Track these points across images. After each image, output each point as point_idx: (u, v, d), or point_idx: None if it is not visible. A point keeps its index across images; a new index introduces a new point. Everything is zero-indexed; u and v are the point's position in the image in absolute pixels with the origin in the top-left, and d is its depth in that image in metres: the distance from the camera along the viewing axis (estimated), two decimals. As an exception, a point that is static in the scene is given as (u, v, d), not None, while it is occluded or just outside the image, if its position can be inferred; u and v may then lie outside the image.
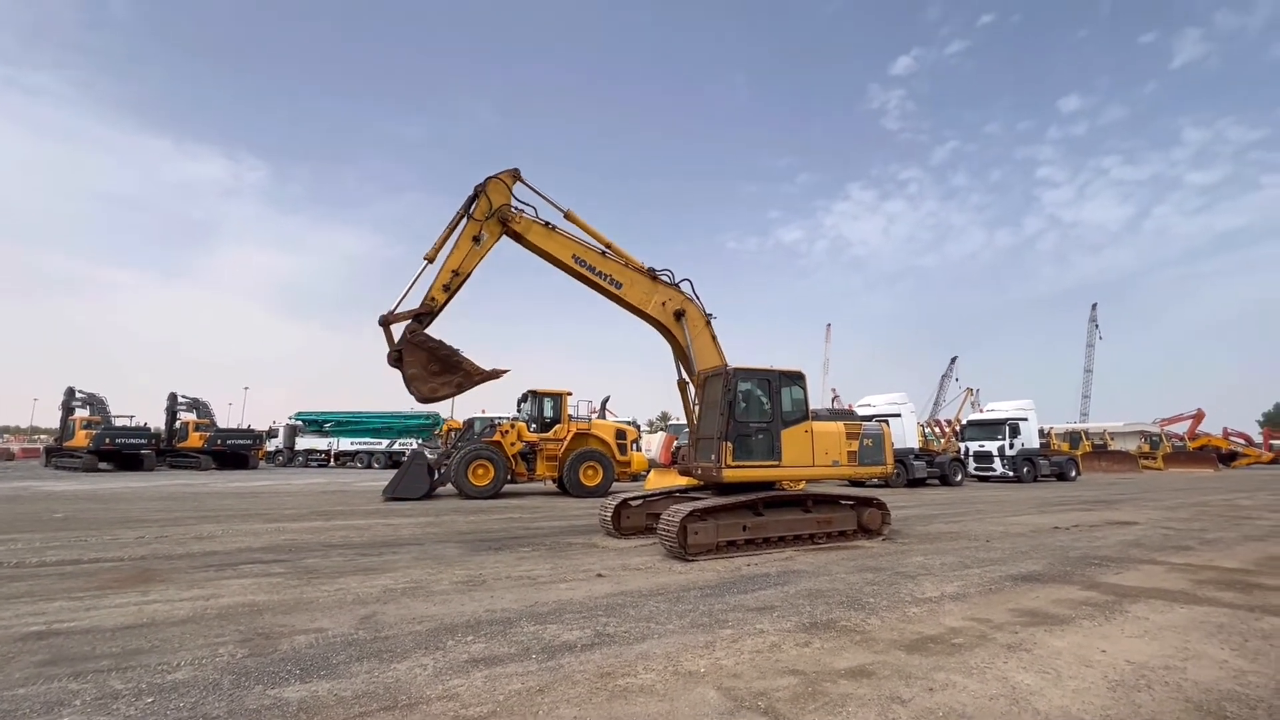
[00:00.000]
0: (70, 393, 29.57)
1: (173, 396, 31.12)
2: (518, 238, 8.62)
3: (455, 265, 8.17)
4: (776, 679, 3.52)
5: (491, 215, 8.32)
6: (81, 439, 26.57)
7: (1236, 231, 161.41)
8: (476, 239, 8.27)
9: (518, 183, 8.70)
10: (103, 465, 26.32)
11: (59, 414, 29.77)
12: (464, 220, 8.36)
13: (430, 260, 8.14)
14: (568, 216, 8.92)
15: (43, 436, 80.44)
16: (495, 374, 8.21)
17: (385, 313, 7.93)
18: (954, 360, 66.76)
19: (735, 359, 9.17)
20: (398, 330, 7.94)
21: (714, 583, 6.06)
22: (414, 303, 8.08)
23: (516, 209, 8.54)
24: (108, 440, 26.21)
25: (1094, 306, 73.10)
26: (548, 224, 8.73)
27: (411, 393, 7.82)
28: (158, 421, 32.24)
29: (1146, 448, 41.73)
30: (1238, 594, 5.69)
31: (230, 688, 3.33)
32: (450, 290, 8.14)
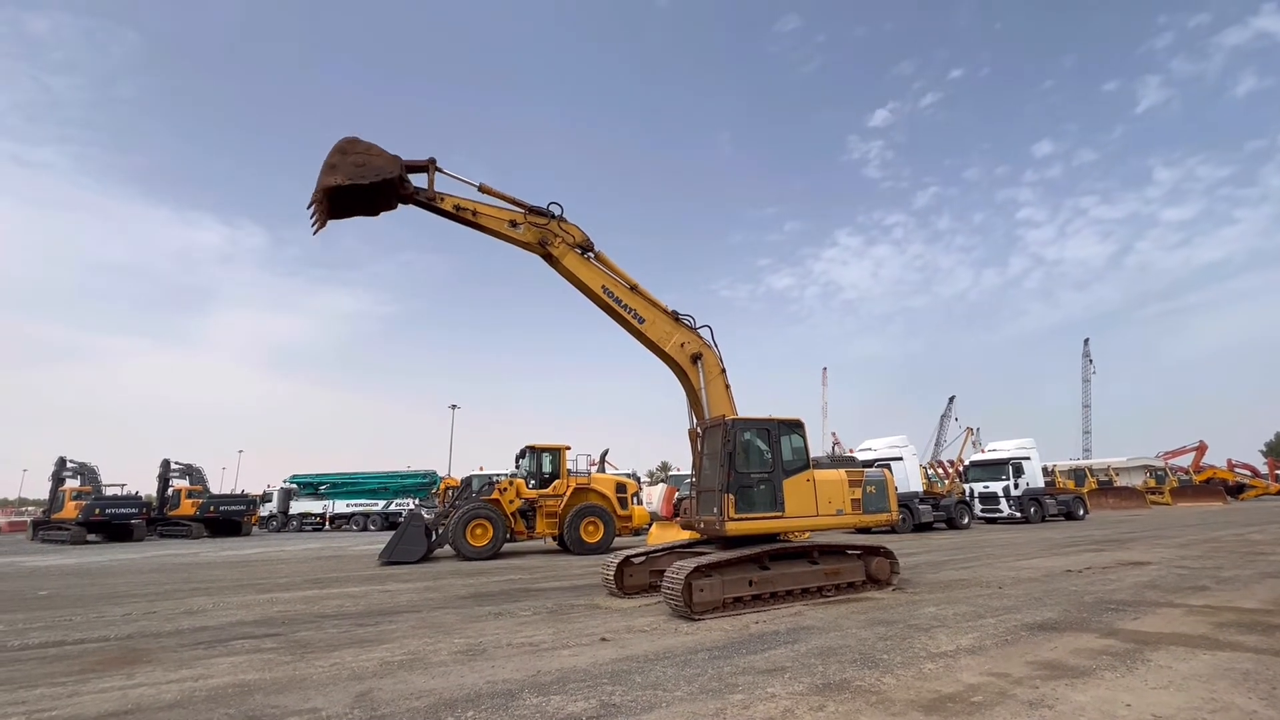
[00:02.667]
0: (61, 463, 29.16)
1: (165, 463, 30.75)
2: (552, 261, 8.99)
3: (481, 210, 8.62)
4: (791, 748, 3.37)
5: (539, 227, 8.81)
6: (70, 510, 26.05)
7: (1217, 264, 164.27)
8: (514, 224, 8.75)
9: (582, 246, 9.12)
10: (91, 537, 25.71)
11: (49, 485, 29.25)
12: (522, 211, 8.87)
13: (481, 190, 8.67)
14: (598, 258, 9.31)
15: (30, 508, 78.73)
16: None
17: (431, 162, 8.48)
18: (952, 399, 66.94)
19: (738, 408, 9.16)
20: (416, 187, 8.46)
21: (722, 643, 5.87)
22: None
23: (559, 236, 9.03)
24: (97, 511, 25.69)
25: (1086, 342, 73.83)
26: (583, 253, 9.12)
27: (328, 156, 7.86)
28: (152, 489, 31.74)
29: (1153, 483, 41.33)
30: (1260, 637, 5.53)
31: (218, 779, 3.17)
32: (459, 212, 8.56)
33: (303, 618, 7.71)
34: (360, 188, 7.82)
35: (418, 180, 8.59)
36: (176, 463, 31.34)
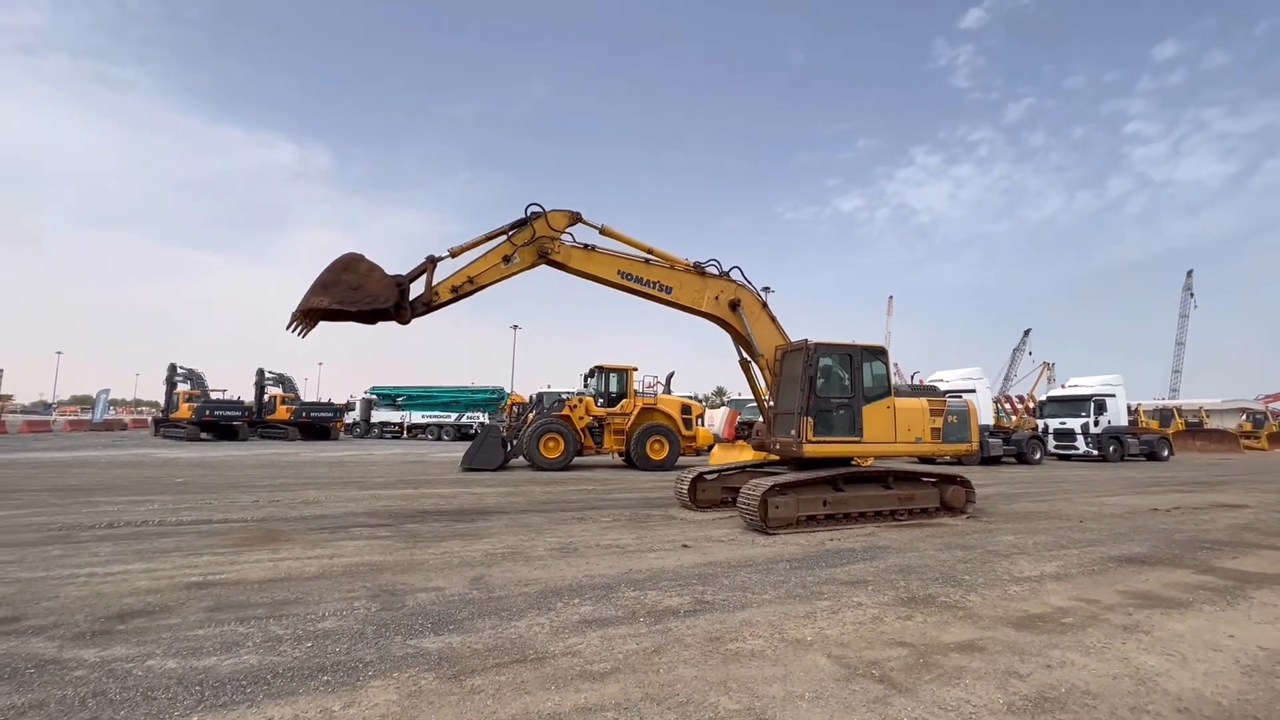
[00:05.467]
0: (173, 369, 32.04)
1: (260, 372, 33.30)
2: (559, 266, 8.31)
3: (473, 274, 7.82)
4: (885, 650, 3.57)
5: (530, 244, 8.01)
6: (185, 411, 28.91)
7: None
8: (507, 259, 7.96)
9: (573, 223, 8.32)
10: (203, 435, 28.60)
11: (164, 388, 32.40)
12: (503, 237, 8.02)
13: (453, 255, 7.84)
14: (603, 231, 8.53)
15: (144, 408, 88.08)
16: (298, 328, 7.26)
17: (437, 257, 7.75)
18: (1028, 333, 63.14)
19: (792, 334, 8.98)
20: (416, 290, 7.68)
21: (799, 556, 6.12)
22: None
23: (553, 236, 8.19)
24: (207, 412, 28.43)
25: (1189, 274, 67.23)
26: (587, 245, 8.38)
27: (326, 271, 7.21)
28: (243, 394, 34.71)
29: (1249, 426, 38.51)
30: (1376, 583, 5.30)
31: (374, 637, 3.66)
32: (458, 293, 7.80)
33: (406, 512, 8.48)
34: (349, 312, 7.24)
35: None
36: (270, 372, 33.93)
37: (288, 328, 7.27)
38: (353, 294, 7.16)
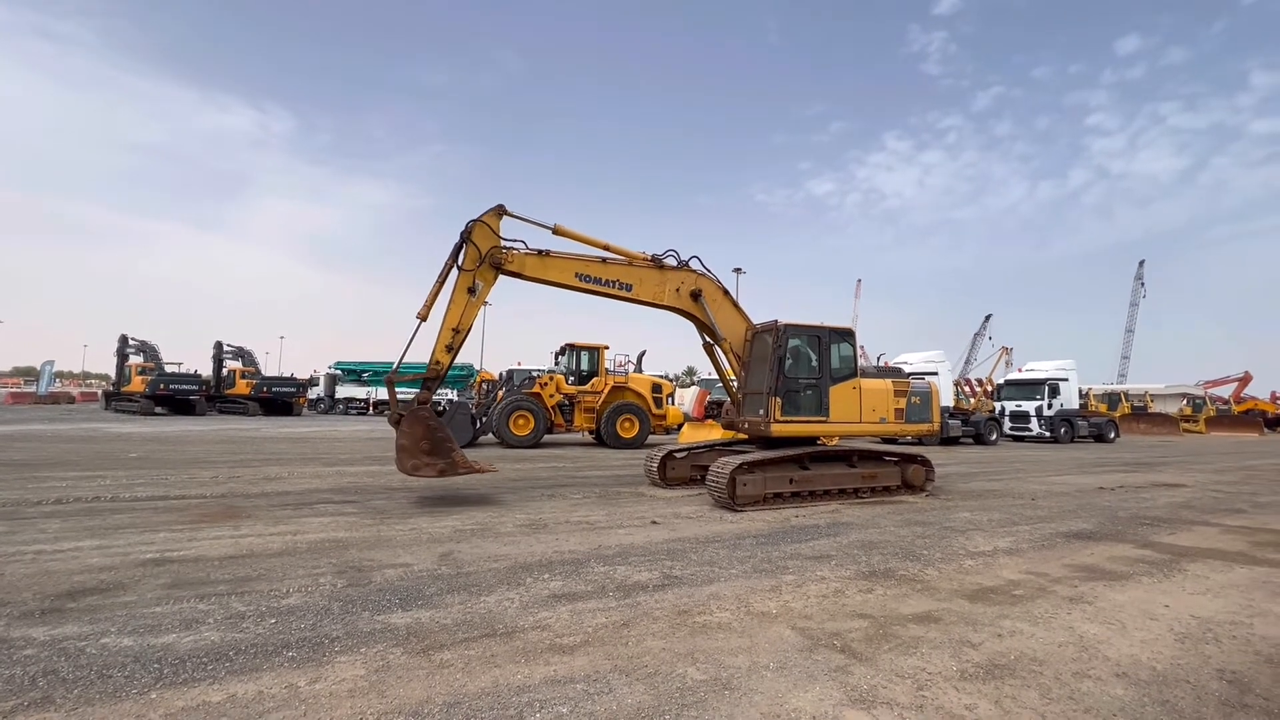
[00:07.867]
0: (124, 340, 30.75)
1: (219, 345, 32.22)
2: (515, 275, 8.12)
3: (455, 323, 7.72)
4: (847, 621, 3.69)
5: (482, 262, 7.78)
6: (138, 384, 27.87)
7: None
8: (471, 290, 7.76)
9: (504, 217, 8.06)
10: (158, 409, 27.64)
11: (114, 360, 31.08)
12: (454, 271, 7.79)
13: (423, 319, 7.67)
14: (556, 231, 8.29)
15: (94, 381, 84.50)
16: (482, 470, 7.73)
17: (391, 373, 7.90)
18: (988, 318, 65.26)
19: (761, 316, 9.05)
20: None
21: (766, 532, 6.25)
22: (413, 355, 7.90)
23: (506, 247, 7.93)
24: (162, 386, 27.46)
25: (1141, 264, 69.89)
26: (540, 251, 8.15)
27: (397, 460, 7.35)
28: (200, 367, 33.58)
29: (1189, 410, 40.60)
30: (1297, 556, 5.68)
31: (340, 613, 3.63)
32: (454, 349, 7.79)
33: (372, 489, 8.38)
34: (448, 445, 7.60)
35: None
36: (229, 345, 32.84)
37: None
38: (444, 456, 7.46)
